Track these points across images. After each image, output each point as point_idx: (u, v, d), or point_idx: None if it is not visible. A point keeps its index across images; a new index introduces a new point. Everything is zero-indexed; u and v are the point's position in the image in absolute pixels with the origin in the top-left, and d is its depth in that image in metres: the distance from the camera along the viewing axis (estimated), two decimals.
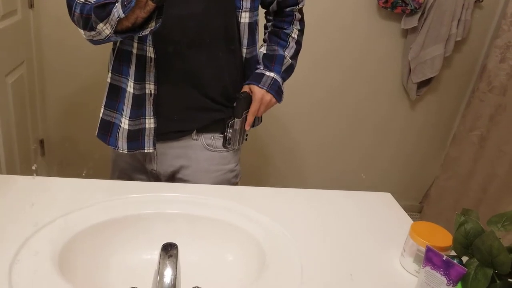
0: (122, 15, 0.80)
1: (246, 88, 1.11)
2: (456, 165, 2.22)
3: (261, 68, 1.14)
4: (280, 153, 2.34)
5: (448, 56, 2.12)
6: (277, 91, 1.13)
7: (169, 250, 0.66)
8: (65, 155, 2.18)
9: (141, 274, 0.79)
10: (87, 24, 0.85)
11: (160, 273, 0.62)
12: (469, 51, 2.20)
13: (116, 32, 0.84)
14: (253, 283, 0.75)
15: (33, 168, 1.38)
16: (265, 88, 1.11)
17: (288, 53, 1.17)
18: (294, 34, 1.18)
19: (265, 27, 1.21)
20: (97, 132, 1.06)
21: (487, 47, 2.19)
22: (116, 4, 0.81)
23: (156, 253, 0.67)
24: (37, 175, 0.96)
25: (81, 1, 0.87)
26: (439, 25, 2.03)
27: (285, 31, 1.17)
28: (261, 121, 1.25)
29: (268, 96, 1.11)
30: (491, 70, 2.01)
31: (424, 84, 2.20)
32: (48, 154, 2.15)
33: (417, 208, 2.57)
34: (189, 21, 0.97)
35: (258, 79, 1.12)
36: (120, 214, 0.87)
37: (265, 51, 1.16)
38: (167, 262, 0.64)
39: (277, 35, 1.17)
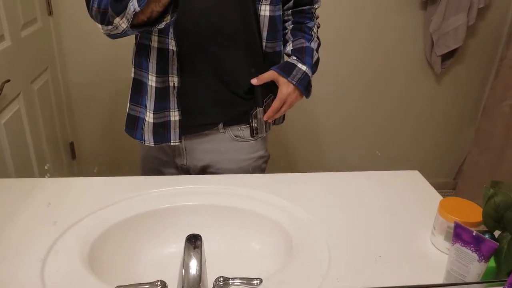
0: (138, 9, 0.80)
1: (270, 75, 1.04)
2: (488, 138, 2.14)
3: (294, 58, 1.06)
4: (299, 136, 2.32)
5: (472, 24, 2.03)
6: (306, 87, 1.06)
7: (193, 241, 0.66)
8: (96, 155, 2.23)
9: (169, 266, 0.80)
10: (104, 18, 0.86)
11: (185, 264, 0.63)
12: (493, 18, 2.11)
13: (132, 26, 0.86)
14: (281, 270, 0.75)
15: (46, 167, 1.40)
16: (294, 83, 1.03)
17: (314, 46, 1.11)
18: (315, 29, 1.14)
19: (284, 27, 1.15)
20: (125, 127, 1.09)
21: None
22: None
23: (182, 245, 0.68)
24: (71, 176, 0.99)
25: None
26: None
27: (308, 25, 1.12)
28: (283, 120, 1.20)
29: (295, 93, 1.04)
30: None
31: (448, 56, 2.12)
32: (79, 156, 2.21)
33: (451, 185, 2.49)
34: (209, 13, 0.98)
35: (288, 70, 1.04)
36: (145, 209, 0.88)
37: (292, 47, 1.09)
38: (192, 253, 0.64)
39: (300, 30, 1.12)
